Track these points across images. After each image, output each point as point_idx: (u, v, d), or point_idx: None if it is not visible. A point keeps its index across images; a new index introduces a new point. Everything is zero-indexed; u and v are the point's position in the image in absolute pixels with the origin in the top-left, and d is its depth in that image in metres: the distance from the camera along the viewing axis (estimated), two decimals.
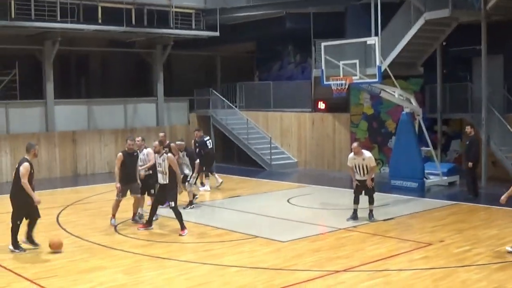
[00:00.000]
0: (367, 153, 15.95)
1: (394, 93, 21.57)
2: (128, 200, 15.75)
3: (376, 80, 20.57)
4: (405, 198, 19.28)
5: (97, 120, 27.20)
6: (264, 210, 17.59)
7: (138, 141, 16.16)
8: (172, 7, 26.99)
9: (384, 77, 21.32)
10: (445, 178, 21.95)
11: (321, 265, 11.88)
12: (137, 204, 15.73)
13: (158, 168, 14.75)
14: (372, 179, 15.83)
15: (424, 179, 21.09)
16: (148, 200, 16.13)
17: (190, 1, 27.91)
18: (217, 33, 27.77)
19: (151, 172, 15.71)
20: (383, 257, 12.40)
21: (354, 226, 15.28)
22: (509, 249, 12.70)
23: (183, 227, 14.49)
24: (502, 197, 13.37)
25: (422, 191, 20.47)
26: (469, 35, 23.35)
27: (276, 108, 29.06)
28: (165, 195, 14.83)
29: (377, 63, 20.47)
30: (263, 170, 26.96)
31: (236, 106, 30.07)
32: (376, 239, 14.07)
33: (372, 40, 21.02)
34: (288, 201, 19.26)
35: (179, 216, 14.55)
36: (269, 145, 27.58)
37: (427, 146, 22.10)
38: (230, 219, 16.40)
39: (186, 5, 27.68)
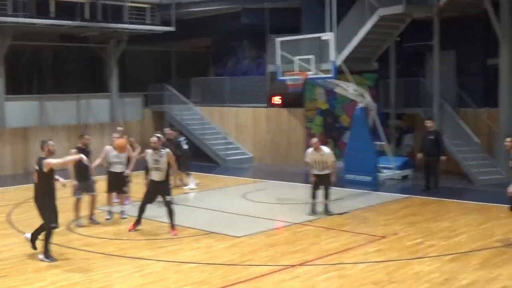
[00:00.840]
0: (326, 149, 16.07)
1: (349, 88, 21.74)
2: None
3: (331, 75, 20.72)
4: (359, 192, 19.46)
5: (49, 116, 26.77)
6: (219, 205, 17.58)
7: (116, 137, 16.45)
8: (127, 1, 26.74)
9: (339, 72, 21.49)
10: (399, 172, 22.21)
11: (277, 260, 11.93)
12: (94, 202, 15.45)
13: (155, 165, 14.31)
14: (333, 174, 15.95)
15: (378, 173, 21.30)
16: (114, 197, 16.08)
17: None
18: (172, 28, 27.60)
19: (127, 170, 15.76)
20: (338, 251, 12.52)
21: (309, 221, 15.38)
22: None
23: (174, 227, 14.22)
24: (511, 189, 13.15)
25: (376, 185, 20.69)
26: (422, 31, 23.64)
27: (231, 103, 29.03)
28: (157, 192, 14.53)
29: (332, 58, 20.62)
30: (218, 165, 26.94)
31: (191, 102, 29.95)
32: (331, 233, 14.18)
33: (327, 36, 21.16)
34: (243, 196, 19.29)
35: (172, 214, 14.24)
36: (225, 141, 27.57)
37: (381, 140, 22.33)
38: (185, 215, 16.34)
39: None
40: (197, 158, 27.17)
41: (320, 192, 16.15)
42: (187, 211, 16.89)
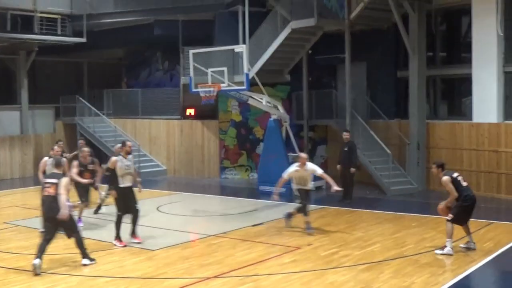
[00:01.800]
0: (310, 165, 15.82)
1: (262, 100, 21.87)
2: None
3: (244, 87, 20.76)
4: (274, 203, 19.47)
5: None
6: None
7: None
8: (37, 12, 26.14)
9: (252, 84, 21.59)
10: (312, 183, 22.30)
11: (192, 272, 11.82)
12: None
13: (127, 171, 14.10)
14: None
15: (292, 184, 21.40)
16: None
17: (55, 6, 27.08)
18: (84, 39, 27.14)
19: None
20: (253, 262, 12.49)
21: (224, 232, 15.32)
22: (462, 245, 13.36)
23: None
24: (441, 206, 13.58)
25: (290, 196, 20.75)
26: (333, 43, 24.05)
27: (144, 115, 28.75)
28: (134, 199, 14.29)
29: (245, 70, 20.68)
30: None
31: (103, 114, 29.49)
32: (246, 244, 14.15)
33: (240, 48, 21.24)
34: (157, 208, 19.07)
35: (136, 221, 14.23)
36: (138, 153, 27.24)
37: (294, 151, 22.49)
38: (98, 229, 16.02)
39: (51, 10, 26.83)
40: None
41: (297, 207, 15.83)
42: (99, 225, 16.55)
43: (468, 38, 22.22)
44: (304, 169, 15.60)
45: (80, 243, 12.32)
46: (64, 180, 11.93)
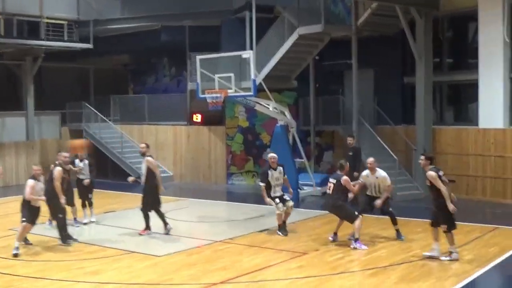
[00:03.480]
0: (381, 172, 15.35)
1: (269, 106, 21.88)
2: None
3: (251, 93, 20.79)
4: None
5: None
6: (140, 225, 17.30)
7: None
8: (44, 18, 26.23)
9: (259, 90, 21.61)
10: (319, 188, 22.40)
11: (198, 278, 11.82)
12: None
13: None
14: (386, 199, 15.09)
15: (298, 189, 21.44)
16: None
17: (62, 12, 27.13)
18: (90, 45, 27.23)
19: None
20: (259, 268, 12.49)
21: (231, 238, 15.32)
22: (426, 254, 13.28)
23: None
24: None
25: (296, 202, 20.70)
26: (341, 49, 24.06)
27: (151, 121, 28.80)
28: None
29: (252, 76, 20.72)
30: (138, 184, 26.50)
31: (110, 120, 29.56)
32: (253, 250, 14.16)
33: (247, 54, 21.26)
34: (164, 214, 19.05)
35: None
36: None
37: (301, 157, 22.52)
38: (105, 235, 16.04)
39: (58, 16, 26.89)
40: (117, 176, 26.83)
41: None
42: (106, 231, 16.58)
43: (474, 44, 22.21)
44: (375, 176, 15.13)
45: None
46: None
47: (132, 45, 29.23)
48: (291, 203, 15.91)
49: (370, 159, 15.28)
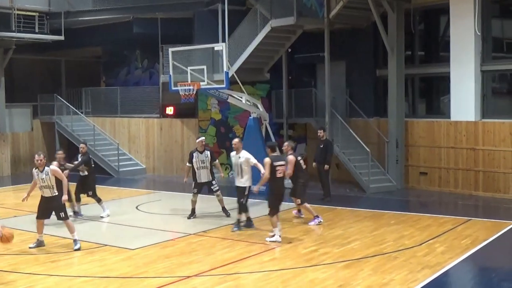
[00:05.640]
0: (246, 153, 15.53)
1: (242, 99, 21.86)
2: None
3: (224, 85, 20.75)
4: (254, 202, 19.46)
5: None
6: (113, 218, 17.25)
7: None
8: (14, 9, 25.91)
9: (232, 83, 21.59)
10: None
11: (172, 271, 11.80)
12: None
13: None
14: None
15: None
16: None
17: (33, 3, 26.85)
18: (62, 37, 26.98)
19: None
20: (233, 261, 12.50)
21: (204, 231, 15.30)
22: (268, 239, 13.97)
23: None
24: (255, 188, 14.59)
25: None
26: (313, 42, 24.12)
27: (123, 114, 28.63)
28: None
29: (225, 69, 20.68)
30: (111, 177, 26.48)
31: (82, 112, 29.35)
32: (227, 243, 14.16)
33: (220, 46, 21.21)
34: (137, 207, 19.03)
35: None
36: (117, 152, 27.15)
37: None
38: (78, 228, 15.92)
39: (29, 7, 26.62)
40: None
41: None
42: (80, 224, 16.48)
43: (446, 37, 22.38)
44: (238, 156, 15.54)
45: None
46: None
47: (104, 37, 29.01)
48: (217, 194, 17.01)
49: (235, 140, 15.88)
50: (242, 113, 24.51)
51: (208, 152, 16.89)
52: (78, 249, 13.43)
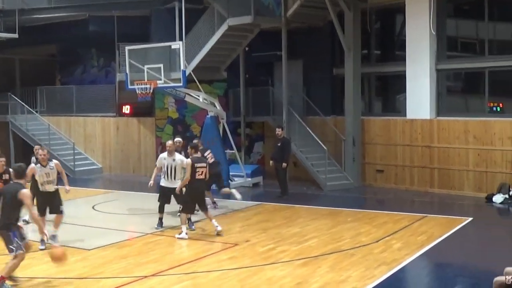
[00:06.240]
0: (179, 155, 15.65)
1: (199, 97, 21.83)
2: None
3: (181, 84, 20.71)
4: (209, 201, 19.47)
5: None
6: (68, 218, 16.99)
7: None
8: None
9: (189, 81, 21.53)
10: (249, 179, 22.49)
11: (129, 271, 11.71)
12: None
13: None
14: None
15: (229, 181, 21.44)
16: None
17: None
18: (16, 35, 26.56)
19: None
20: (191, 260, 12.46)
21: (162, 230, 15.22)
22: (177, 235, 14.20)
23: None
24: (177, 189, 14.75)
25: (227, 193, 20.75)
26: (270, 41, 24.14)
27: (79, 113, 28.32)
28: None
29: (182, 67, 20.62)
30: (67, 176, 26.09)
31: (37, 111, 28.94)
32: (184, 242, 14.11)
33: (177, 45, 21.15)
34: (93, 207, 18.86)
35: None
36: (73, 151, 26.85)
37: (232, 148, 22.52)
38: (34, 229, 15.69)
39: None
40: None
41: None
42: (34, 225, 16.23)
43: (402, 37, 22.59)
44: (172, 158, 15.50)
45: None
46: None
47: (59, 35, 28.61)
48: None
49: (169, 142, 15.79)
50: (199, 112, 24.42)
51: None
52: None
